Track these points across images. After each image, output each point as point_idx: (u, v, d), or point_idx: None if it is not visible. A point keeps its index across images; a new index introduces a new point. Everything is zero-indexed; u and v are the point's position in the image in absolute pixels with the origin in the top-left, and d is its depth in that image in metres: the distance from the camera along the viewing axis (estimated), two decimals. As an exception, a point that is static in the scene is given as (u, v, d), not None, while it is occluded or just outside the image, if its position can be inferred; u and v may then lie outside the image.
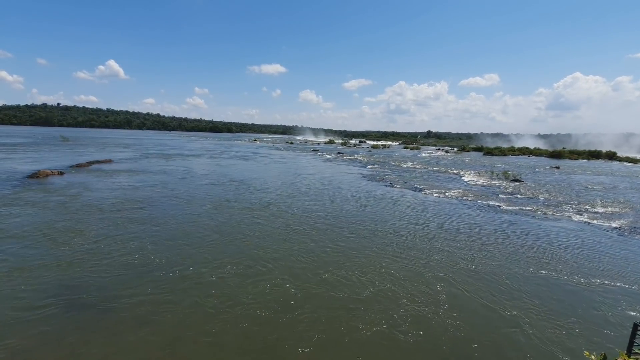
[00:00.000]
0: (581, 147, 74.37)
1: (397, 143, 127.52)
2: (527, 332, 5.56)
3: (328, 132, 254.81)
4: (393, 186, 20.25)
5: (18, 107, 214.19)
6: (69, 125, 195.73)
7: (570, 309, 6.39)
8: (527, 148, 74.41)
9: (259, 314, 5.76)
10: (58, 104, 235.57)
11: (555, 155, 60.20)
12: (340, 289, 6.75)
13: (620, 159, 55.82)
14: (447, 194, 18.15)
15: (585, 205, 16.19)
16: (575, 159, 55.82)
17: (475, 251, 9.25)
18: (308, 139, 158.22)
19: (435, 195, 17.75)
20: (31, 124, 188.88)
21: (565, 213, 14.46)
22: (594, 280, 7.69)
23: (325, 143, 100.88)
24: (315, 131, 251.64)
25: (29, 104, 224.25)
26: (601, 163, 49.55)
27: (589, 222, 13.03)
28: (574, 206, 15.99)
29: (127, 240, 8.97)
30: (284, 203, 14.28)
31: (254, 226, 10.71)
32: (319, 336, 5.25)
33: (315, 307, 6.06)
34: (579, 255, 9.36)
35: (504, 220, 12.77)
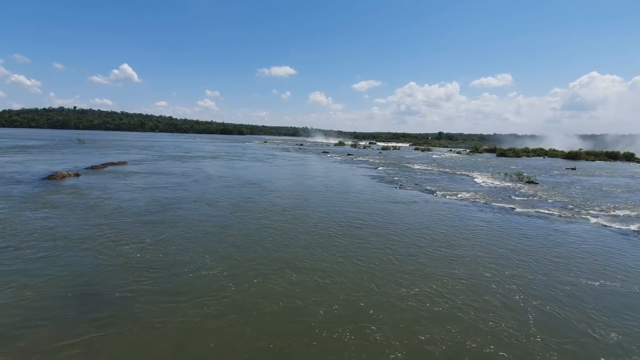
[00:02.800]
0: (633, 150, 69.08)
1: (407, 144, 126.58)
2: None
3: (338, 133, 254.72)
4: (405, 188, 20.06)
5: (36, 110, 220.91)
6: (84, 128, 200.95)
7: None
8: (541, 149, 72.77)
9: (333, 334, 5.35)
10: (74, 107, 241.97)
11: (572, 156, 58.75)
12: (410, 306, 6.29)
13: (639, 160, 54.21)
14: (460, 195, 17.86)
15: (613, 209, 15.60)
16: (592, 160, 54.46)
17: (527, 261, 8.73)
18: (318, 140, 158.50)
19: (451, 197, 17.50)
20: (49, 127, 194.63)
21: (589, 216, 13.99)
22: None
23: (335, 145, 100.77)
24: (325, 132, 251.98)
25: (47, 107, 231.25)
26: (619, 164, 48.18)
27: (626, 227, 12.43)
28: (600, 209, 15.44)
29: (159, 243, 9.08)
30: (307, 206, 14.15)
31: (286, 231, 10.48)
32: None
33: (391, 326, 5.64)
34: (633, 264, 8.83)
35: (538, 226, 12.34)
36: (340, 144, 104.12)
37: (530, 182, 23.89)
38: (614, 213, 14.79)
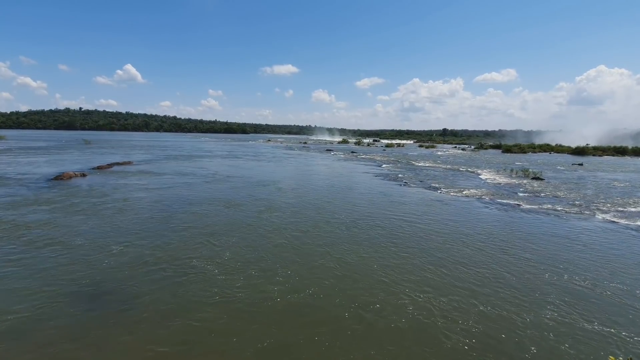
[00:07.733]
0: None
1: (411, 142, 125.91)
2: None
3: (342, 131, 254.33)
4: (409, 186, 19.96)
5: (43, 112, 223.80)
6: (90, 129, 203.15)
7: None
8: (548, 145, 72.07)
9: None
10: (80, 108, 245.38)
11: (579, 152, 58.07)
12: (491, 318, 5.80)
13: (649, 155, 53.47)
14: (466, 192, 17.73)
15: (628, 205, 15.23)
16: (600, 156, 53.81)
17: (576, 262, 8.29)
18: (321, 138, 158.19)
19: (463, 195, 17.38)
20: (55, 128, 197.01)
21: (605, 213, 13.66)
22: None
23: (339, 142, 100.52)
24: (329, 130, 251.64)
25: (53, 108, 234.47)
26: (627, 160, 47.47)
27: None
28: (614, 206, 15.09)
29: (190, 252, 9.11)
30: (332, 209, 13.47)
31: (326, 236, 9.99)
32: None
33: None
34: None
35: (560, 226, 11.77)
36: (344, 141, 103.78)
37: (536, 178, 23.66)
38: (631, 210, 14.44)
